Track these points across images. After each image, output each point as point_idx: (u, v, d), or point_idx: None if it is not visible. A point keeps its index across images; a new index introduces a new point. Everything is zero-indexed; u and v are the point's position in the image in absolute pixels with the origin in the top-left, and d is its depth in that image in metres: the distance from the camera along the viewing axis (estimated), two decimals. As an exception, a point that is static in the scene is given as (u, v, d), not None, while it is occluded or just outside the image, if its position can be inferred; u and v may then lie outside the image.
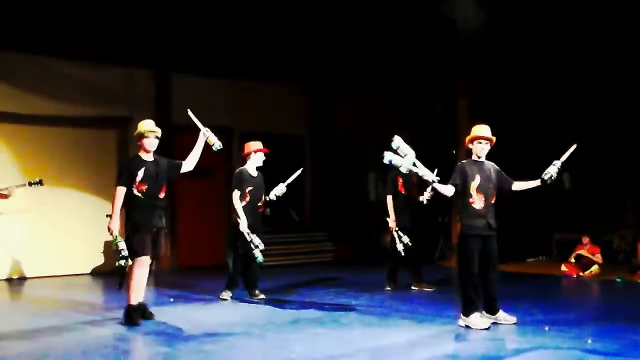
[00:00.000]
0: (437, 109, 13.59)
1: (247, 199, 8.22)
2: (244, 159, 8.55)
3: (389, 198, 8.92)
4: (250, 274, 8.37)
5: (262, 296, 8.36)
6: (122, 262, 6.71)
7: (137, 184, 6.92)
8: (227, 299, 8.25)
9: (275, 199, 8.41)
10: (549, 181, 6.76)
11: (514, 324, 6.78)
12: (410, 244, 8.71)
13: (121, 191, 6.85)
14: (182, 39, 11.41)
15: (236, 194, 8.21)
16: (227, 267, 8.54)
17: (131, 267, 6.90)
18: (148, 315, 7.12)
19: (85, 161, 10.78)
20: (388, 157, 6.67)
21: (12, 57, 10.31)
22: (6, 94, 10.28)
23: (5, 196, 8.71)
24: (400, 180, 8.92)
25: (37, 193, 10.03)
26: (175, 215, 11.70)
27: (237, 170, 8.45)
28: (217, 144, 7.18)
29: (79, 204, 10.76)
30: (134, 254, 6.83)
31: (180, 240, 11.79)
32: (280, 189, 8.40)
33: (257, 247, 7.95)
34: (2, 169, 10.18)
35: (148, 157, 7.09)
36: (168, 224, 11.48)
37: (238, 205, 8.16)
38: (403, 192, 8.91)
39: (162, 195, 7.13)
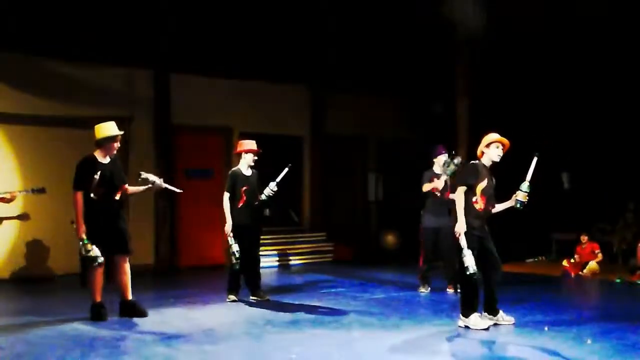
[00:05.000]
0: (437, 109, 13.59)
1: (244, 199, 8.21)
2: (238, 158, 8.54)
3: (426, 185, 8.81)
4: (251, 275, 8.37)
5: (267, 297, 8.36)
6: (95, 263, 6.83)
7: (94, 187, 6.92)
8: (236, 299, 8.24)
9: (267, 198, 8.34)
10: (521, 207, 6.73)
11: (513, 324, 6.79)
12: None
13: (80, 195, 6.90)
14: (182, 39, 11.39)
15: (226, 195, 8.21)
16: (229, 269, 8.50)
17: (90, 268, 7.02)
18: (140, 313, 7.22)
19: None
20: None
21: (12, 57, 10.29)
22: (6, 94, 10.26)
23: (8, 200, 8.69)
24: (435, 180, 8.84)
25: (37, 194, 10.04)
26: (175, 216, 11.68)
27: (231, 170, 8.44)
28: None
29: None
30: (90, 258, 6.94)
31: (180, 240, 11.77)
32: (270, 189, 8.30)
33: (234, 254, 8.01)
34: (2, 169, 10.17)
35: (105, 159, 7.08)
36: (168, 224, 11.58)
37: (227, 207, 8.18)
38: (437, 194, 8.82)
39: (117, 197, 7.15)
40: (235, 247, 8.03)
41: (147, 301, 7.64)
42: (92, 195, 6.91)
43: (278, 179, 8.36)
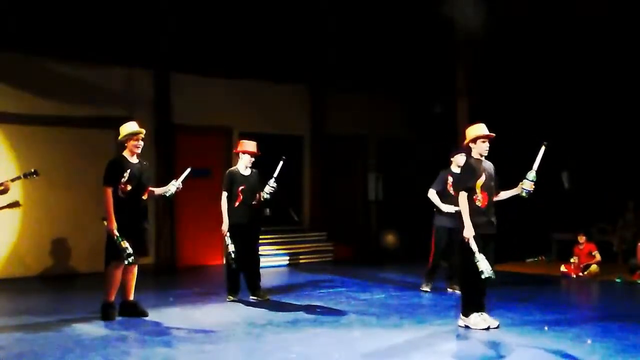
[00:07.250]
0: (437, 109, 13.59)
1: (240, 198, 8.21)
2: (238, 157, 8.53)
3: (433, 192, 8.69)
4: (251, 275, 8.36)
5: (267, 297, 8.36)
6: (130, 259, 6.86)
7: (122, 184, 7.01)
8: (235, 299, 8.24)
9: (269, 197, 8.36)
10: (527, 196, 6.67)
11: (497, 327, 6.67)
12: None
13: (110, 192, 6.97)
14: (182, 39, 11.39)
15: (224, 195, 8.22)
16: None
17: (109, 267, 7.04)
18: (141, 313, 7.25)
19: (84, 161, 10.75)
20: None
21: (12, 57, 10.29)
22: (6, 94, 10.26)
23: (2, 192, 8.66)
24: (450, 179, 8.66)
25: (35, 192, 10.03)
26: (175, 215, 11.68)
27: (228, 170, 8.47)
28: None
29: (79, 204, 10.73)
30: (113, 257, 6.96)
31: (180, 240, 11.76)
32: (270, 186, 8.31)
33: (230, 254, 8.02)
34: (2, 169, 10.16)
35: (133, 159, 7.20)
36: (168, 224, 11.58)
37: (224, 206, 8.18)
38: (452, 193, 8.61)
39: (144, 197, 7.25)
40: (231, 247, 8.04)
41: (147, 301, 7.64)
42: (120, 193, 6.98)
43: (275, 175, 8.37)
